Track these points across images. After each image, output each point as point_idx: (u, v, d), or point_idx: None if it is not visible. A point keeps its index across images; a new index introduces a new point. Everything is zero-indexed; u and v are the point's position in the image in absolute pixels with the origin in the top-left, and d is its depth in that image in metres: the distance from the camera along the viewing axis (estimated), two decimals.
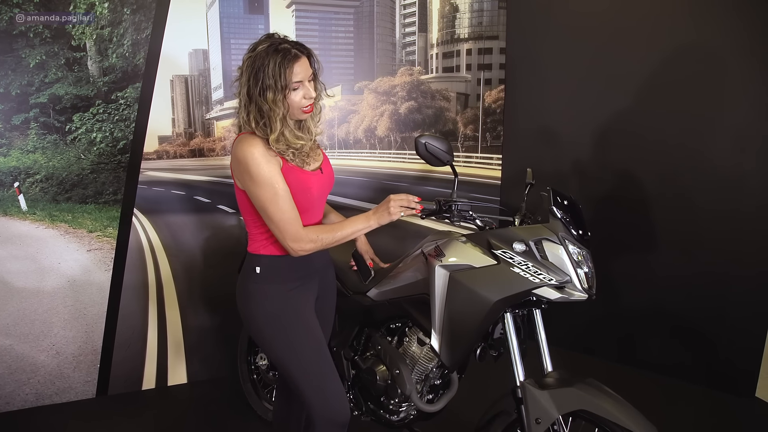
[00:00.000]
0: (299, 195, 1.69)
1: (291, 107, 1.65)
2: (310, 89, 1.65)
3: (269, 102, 1.59)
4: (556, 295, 1.68)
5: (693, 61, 2.87)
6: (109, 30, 2.72)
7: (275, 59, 1.57)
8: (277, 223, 1.64)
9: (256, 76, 1.58)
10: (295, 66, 1.60)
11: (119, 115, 2.80)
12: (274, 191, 1.62)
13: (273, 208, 1.63)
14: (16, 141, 2.68)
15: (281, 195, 1.63)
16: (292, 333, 1.75)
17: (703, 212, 2.93)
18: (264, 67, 1.57)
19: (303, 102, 1.65)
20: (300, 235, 1.66)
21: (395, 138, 3.40)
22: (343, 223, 1.73)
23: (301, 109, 1.66)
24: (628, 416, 1.60)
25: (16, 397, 2.82)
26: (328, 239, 1.69)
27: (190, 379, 3.11)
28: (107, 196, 2.85)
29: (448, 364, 1.85)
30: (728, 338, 2.94)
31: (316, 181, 1.75)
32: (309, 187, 1.72)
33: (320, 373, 1.75)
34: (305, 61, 1.64)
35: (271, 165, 1.63)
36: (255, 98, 1.60)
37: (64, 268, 2.83)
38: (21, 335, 2.79)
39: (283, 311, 1.75)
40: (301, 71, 1.62)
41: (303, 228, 1.67)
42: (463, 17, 3.42)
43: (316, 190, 1.76)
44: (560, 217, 1.71)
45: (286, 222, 1.64)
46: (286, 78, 1.58)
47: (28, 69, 2.63)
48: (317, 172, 1.77)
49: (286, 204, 1.64)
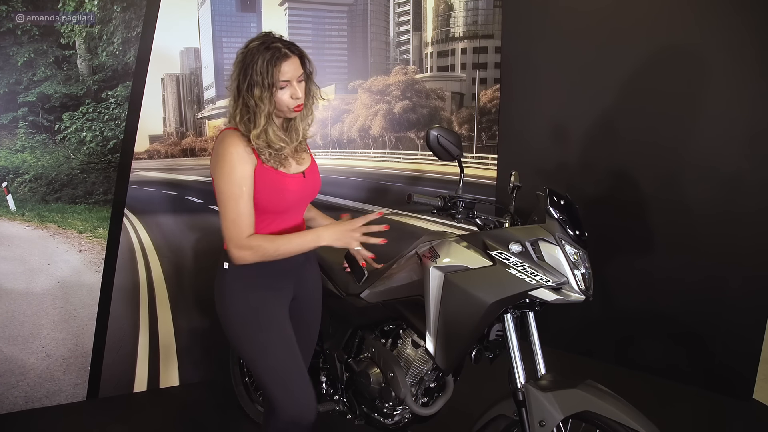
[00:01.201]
0: (272, 196, 1.69)
1: (278, 105, 1.65)
2: (298, 90, 1.66)
3: (255, 98, 1.60)
4: (553, 297, 1.66)
5: (690, 60, 2.86)
6: (98, 28, 2.68)
7: (264, 56, 1.59)
8: (228, 223, 1.65)
9: (245, 72, 1.60)
10: (284, 65, 1.60)
11: (109, 114, 2.76)
12: (237, 192, 1.63)
13: (229, 207, 1.64)
14: (4, 140, 2.63)
15: (242, 198, 1.64)
16: (259, 331, 1.75)
17: (700, 214, 2.92)
18: (253, 64, 1.59)
19: (290, 102, 1.66)
20: (242, 242, 1.65)
21: (389, 138, 3.38)
22: (291, 236, 1.70)
23: (289, 108, 1.67)
24: (632, 416, 1.59)
25: (4, 400, 2.78)
26: (270, 249, 1.66)
27: (182, 381, 3.08)
28: (97, 197, 2.81)
29: (443, 366, 1.83)
30: (726, 341, 2.92)
31: (295, 184, 1.75)
32: (283, 189, 1.71)
33: (287, 373, 1.76)
34: (296, 61, 1.64)
35: (245, 165, 1.64)
36: (243, 93, 1.62)
37: (54, 269, 2.79)
38: (10, 337, 2.75)
39: (250, 309, 1.75)
40: (290, 71, 1.62)
41: (248, 236, 1.66)
42: (458, 16, 3.40)
43: (294, 194, 1.75)
44: (557, 217, 1.69)
45: (237, 224, 1.64)
46: (273, 76, 1.60)
47: (16, 67, 2.59)
48: (298, 175, 1.77)
49: (244, 208, 1.64)
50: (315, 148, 3.25)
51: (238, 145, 1.64)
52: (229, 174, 1.63)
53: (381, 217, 1.76)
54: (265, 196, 1.69)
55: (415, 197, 1.81)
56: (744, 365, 2.89)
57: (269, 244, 1.66)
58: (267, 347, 1.75)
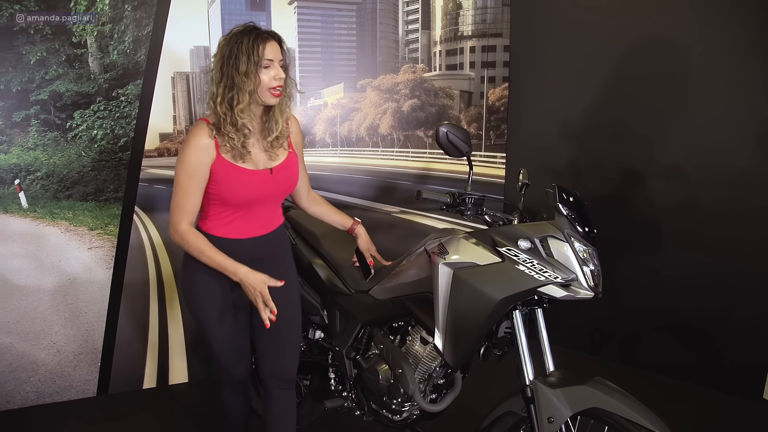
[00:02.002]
0: (229, 189, 1.76)
1: (260, 85, 1.71)
2: (280, 71, 1.73)
3: (241, 74, 1.67)
4: (562, 293, 1.66)
5: (699, 56, 2.85)
6: (110, 27, 2.70)
7: (249, 37, 1.68)
8: (172, 205, 1.76)
9: (231, 52, 1.68)
10: (267, 45, 1.69)
11: (120, 112, 2.78)
12: (187, 180, 1.73)
13: (178, 191, 1.74)
14: (16, 138, 2.66)
15: (190, 188, 1.73)
16: (202, 310, 1.89)
17: (708, 211, 2.91)
18: (239, 44, 1.67)
19: (272, 82, 1.72)
20: (179, 227, 1.75)
21: (398, 136, 3.38)
22: (218, 254, 1.76)
23: (269, 89, 1.72)
24: (641, 413, 1.58)
25: (16, 396, 2.81)
26: (196, 251, 1.76)
27: (190, 378, 3.10)
28: (108, 194, 2.83)
29: (451, 363, 1.83)
30: (736, 339, 2.91)
31: (256, 180, 1.79)
32: (240, 184, 1.76)
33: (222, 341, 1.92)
34: (276, 45, 1.73)
35: (201, 157, 1.72)
36: (228, 72, 1.68)
37: (65, 266, 2.82)
38: (21, 333, 2.78)
39: (197, 280, 1.86)
40: (272, 52, 1.71)
41: (188, 225, 1.76)
42: (467, 14, 3.40)
43: (253, 189, 1.79)
44: (566, 214, 1.69)
45: (179, 209, 1.75)
46: (259, 53, 1.68)
47: (28, 66, 2.62)
48: (263, 171, 1.81)
49: (189, 195, 1.74)
50: (324, 146, 3.27)
51: (200, 136, 1.72)
52: (184, 163, 1.72)
53: None
54: (223, 188, 1.76)
55: (425, 194, 1.82)
56: (754, 364, 2.87)
57: (194, 246, 1.76)
58: (206, 324, 1.91)
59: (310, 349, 2.45)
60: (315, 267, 2.33)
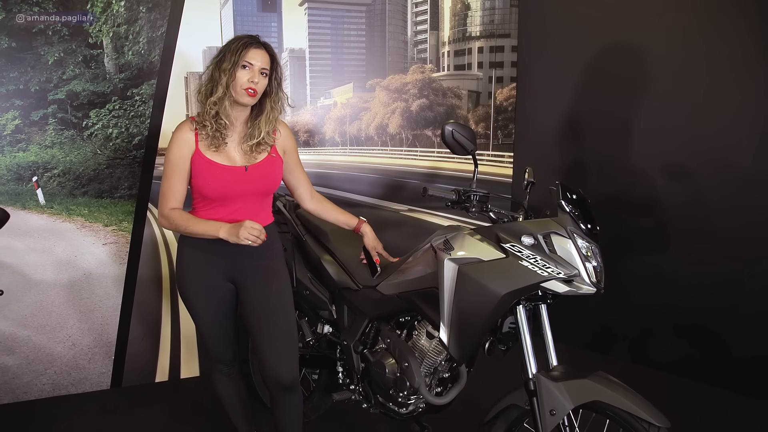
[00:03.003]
0: (207, 182, 1.88)
1: (235, 82, 1.82)
2: (257, 76, 1.84)
3: (221, 69, 1.82)
4: (564, 289, 1.69)
5: (705, 56, 2.86)
6: (125, 28, 2.77)
7: (241, 40, 1.84)
8: (160, 195, 1.93)
9: (221, 51, 1.85)
10: (252, 50, 1.83)
11: (134, 111, 2.85)
12: (171, 170, 1.89)
13: (164, 180, 1.91)
14: (34, 136, 2.73)
15: (173, 177, 1.89)
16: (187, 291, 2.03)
17: (715, 210, 2.92)
18: (229, 44, 1.84)
19: (246, 83, 1.83)
20: (164, 212, 1.92)
21: (407, 135, 3.43)
22: (200, 221, 1.91)
23: (244, 89, 1.83)
24: (641, 407, 1.61)
25: (33, 387, 2.88)
26: (179, 224, 1.90)
27: (202, 372, 3.15)
28: (122, 191, 2.90)
29: (456, 356, 1.87)
30: (742, 338, 2.91)
31: (229, 175, 1.89)
32: (215, 177, 1.88)
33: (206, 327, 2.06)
34: (265, 55, 1.86)
35: (182, 149, 1.88)
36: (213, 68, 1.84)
37: (81, 261, 2.88)
38: (38, 326, 2.85)
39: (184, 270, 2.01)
40: (255, 57, 1.83)
41: (170, 208, 1.91)
42: (475, 15, 3.43)
43: (226, 184, 1.89)
44: (569, 211, 1.72)
45: (164, 197, 1.91)
46: (240, 54, 1.81)
47: (46, 66, 2.69)
48: (239, 168, 1.91)
49: (173, 184, 1.90)
50: (333, 145, 3.31)
51: (182, 131, 1.89)
52: (168, 153, 1.89)
53: None
54: (200, 182, 1.88)
55: (430, 191, 1.86)
56: (761, 363, 2.88)
57: (180, 220, 1.90)
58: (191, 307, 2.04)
59: (318, 343, 2.50)
60: (324, 263, 2.38)
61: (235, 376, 2.23)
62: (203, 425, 2.68)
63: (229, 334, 2.11)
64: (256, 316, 2.00)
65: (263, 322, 1.99)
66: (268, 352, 1.99)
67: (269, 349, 1.99)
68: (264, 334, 1.99)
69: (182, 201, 1.93)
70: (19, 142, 2.71)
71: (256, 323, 2.00)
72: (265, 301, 2.00)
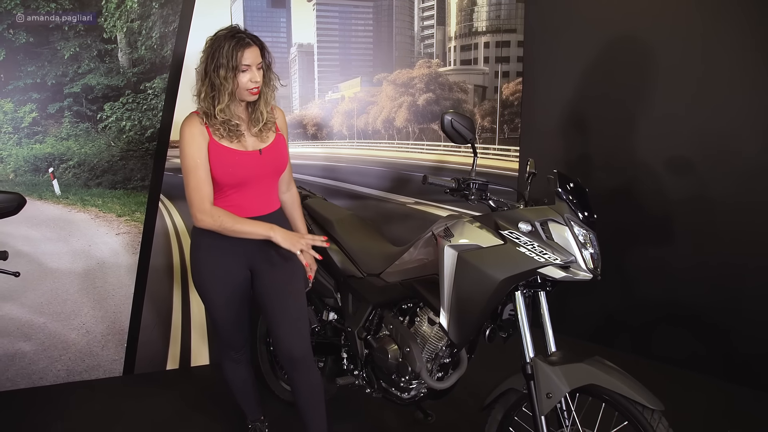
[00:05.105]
0: (224, 170, 1.90)
1: (239, 87, 1.86)
2: (257, 74, 1.87)
3: (221, 78, 1.82)
4: (561, 275, 1.72)
5: (710, 50, 2.87)
6: (138, 23, 2.84)
7: (230, 43, 1.82)
8: (189, 191, 1.89)
9: (213, 56, 1.83)
10: (246, 51, 1.83)
11: (147, 104, 2.92)
12: (194, 164, 1.88)
13: (189, 177, 1.89)
14: (51, 129, 2.82)
15: (199, 168, 1.88)
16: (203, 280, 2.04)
17: (719, 203, 2.93)
18: (220, 48, 1.82)
19: (249, 84, 1.86)
20: (204, 207, 1.89)
21: (413, 129, 3.47)
22: (248, 221, 1.93)
23: (247, 90, 1.87)
24: (637, 390, 1.64)
25: (48, 373, 2.97)
26: (227, 223, 1.90)
27: (212, 360, 3.22)
28: (135, 182, 2.98)
29: (456, 341, 1.91)
30: (746, 331, 2.92)
31: (247, 160, 1.93)
32: (234, 164, 1.90)
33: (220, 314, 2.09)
34: (256, 50, 1.87)
35: (197, 141, 1.88)
36: (210, 74, 1.84)
37: (95, 250, 2.97)
38: (54, 314, 2.94)
39: (200, 260, 2.02)
40: (250, 57, 1.84)
41: (210, 204, 1.90)
42: (481, 10, 3.47)
43: (246, 169, 1.93)
44: (566, 199, 1.76)
45: (198, 191, 1.88)
46: (237, 59, 1.82)
47: (63, 60, 2.77)
48: (254, 152, 1.95)
49: (201, 177, 1.88)
50: (341, 138, 3.37)
51: (191, 125, 1.88)
52: (185, 149, 1.88)
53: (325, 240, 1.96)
54: (218, 170, 1.89)
55: (430, 179, 1.90)
56: (764, 356, 2.89)
57: (228, 219, 1.90)
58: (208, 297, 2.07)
59: (324, 330, 2.56)
60: (329, 252, 2.43)
61: (246, 362, 2.28)
62: (213, 412, 2.75)
63: (242, 322, 2.16)
64: (270, 296, 2.04)
65: (276, 301, 2.04)
66: (282, 329, 2.03)
67: (282, 326, 2.03)
68: (277, 312, 2.03)
69: (212, 191, 1.92)
70: (36, 134, 2.79)
71: (269, 303, 2.04)
72: (279, 282, 2.05)
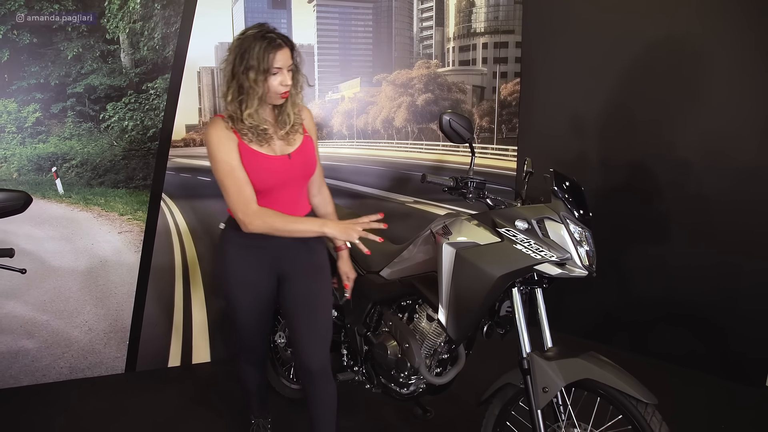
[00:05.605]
0: (254, 175, 1.83)
1: (269, 91, 1.79)
2: (287, 77, 1.80)
3: (250, 81, 1.74)
4: (557, 271, 1.76)
5: (707, 52, 2.90)
6: (140, 24, 2.87)
7: (261, 44, 1.73)
8: (231, 196, 1.81)
9: (242, 57, 1.74)
10: (278, 53, 1.75)
11: (149, 104, 2.95)
12: (229, 167, 1.80)
13: (228, 182, 1.81)
14: (54, 128, 2.85)
15: (235, 170, 1.80)
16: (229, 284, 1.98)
17: (716, 203, 2.96)
18: (250, 50, 1.73)
19: (279, 88, 1.79)
20: (250, 210, 1.80)
21: (412, 129, 3.50)
22: (298, 219, 1.87)
23: (278, 94, 1.80)
24: (631, 385, 1.68)
25: (51, 370, 3.00)
26: (278, 224, 1.81)
27: (212, 358, 3.25)
28: (137, 182, 3.01)
29: (454, 337, 1.95)
30: (740, 329, 2.96)
31: (277, 165, 1.86)
32: (263, 169, 1.84)
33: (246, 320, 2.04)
34: (287, 51, 1.78)
35: (227, 144, 1.80)
36: (238, 76, 1.75)
37: (97, 249, 3.00)
38: (57, 311, 2.97)
39: (227, 266, 1.96)
40: (282, 59, 1.76)
41: (256, 205, 1.81)
42: (480, 12, 3.50)
43: (275, 174, 1.86)
44: (562, 197, 1.80)
45: (241, 193, 1.80)
46: (268, 62, 1.74)
47: (66, 61, 2.80)
48: (283, 157, 1.88)
49: (240, 178, 1.80)
50: (341, 138, 3.40)
51: (217, 128, 1.81)
52: (216, 154, 1.80)
53: (381, 218, 1.84)
54: (249, 174, 1.82)
55: (429, 178, 1.94)
56: (759, 354, 2.92)
57: (279, 219, 1.82)
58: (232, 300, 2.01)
59: None
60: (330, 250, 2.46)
61: (261, 366, 2.28)
62: (215, 408, 2.78)
63: (263, 329, 2.12)
64: (297, 308, 1.99)
65: (303, 313, 1.98)
66: (303, 342, 1.98)
67: (305, 339, 1.98)
68: (302, 324, 1.99)
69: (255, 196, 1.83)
70: (39, 133, 2.82)
71: (295, 313, 1.99)
72: (309, 294, 2.00)
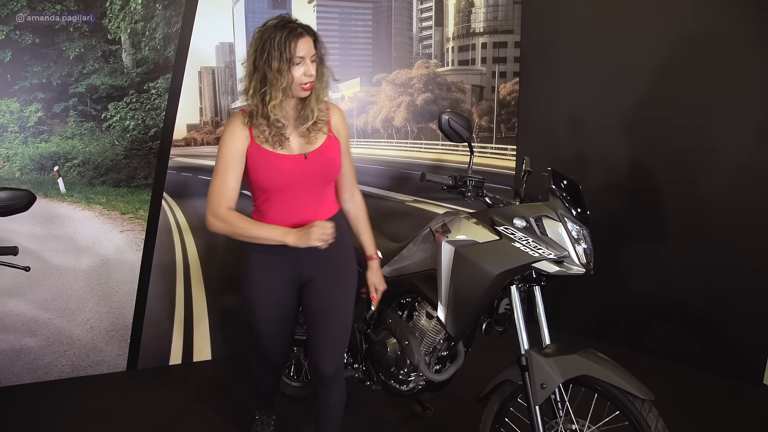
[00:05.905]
0: (264, 173, 1.80)
1: (293, 81, 1.73)
2: (311, 68, 1.74)
3: (274, 71, 1.69)
4: (555, 269, 1.78)
5: (704, 51, 2.92)
6: (142, 24, 2.89)
7: (282, 33, 1.68)
8: (212, 190, 1.80)
9: (264, 47, 1.69)
10: (300, 42, 1.70)
11: (150, 104, 2.97)
12: (224, 166, 1.78)
13: (217, 177, 1.80)
14: (56, 128, 2.87)
15: (228, 171, 1.78)
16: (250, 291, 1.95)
17: (713, 202, 2.98)
18: (271, 39, 1.68)
19: (303, 78, 1.73)
20: (218, 211, 1.78)
21: (412, 128, 3.52)
22: (262, 225, 1.82)
23: (301, 85, 1.74)
24: (627, 381, 1.70)
25: (53, 368, 3.02)
26: (239, 229, 1.78)
27: (214, 355, 3.27)
28: (139, 181, 3.03)
29: (453, 334, 1.97)
30: (738, 327, 2.98)
31: (289, 164, 1.80)
32: (274, 168, 1.79)
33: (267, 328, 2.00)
34: (309, 40, 1.73)
35: (237, 143, 1.78)
36: (261, 67, 1.71)
37: (99, 247, 3.02)
38: (59, 309, 2.99)
39: (251, 274, 1.93)
40: (304, 48, 1.71)
41: (227, 209, 1.78)
42: (479, 12, 3.52)
43: (286, 173, 1.81)
44: (559, 195, 1.82)
45: (219, 193, 1.79)
46: (291, 51, 1.68)
47: (68, 61, 2.82)
48: (298, 156, 1.82)
49: (227, 181, 1.78)
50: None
51: (234, 124, 1.79)
52: (222, 148, 1.79)
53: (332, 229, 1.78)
54: (259, 174, 1.80)
55: (428, 176, 1.96)
56: (755, 351, 2.94)
57: (240, 223, 1.78)
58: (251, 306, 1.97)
59: None
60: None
61: (279, 372, 2.29)
62: (216, 406, 2.80)
63: (282, 338, 2.07)
64: (317, 313, 1.95)
65: (322, 319, 1.95)
66: (319, 348, 1.94)
67: (320, 345, 1.94)
68: (319, 329, 1.95)
69: (236, 200, 1.80)
70: (41, 133, 2.84)
71: (314, 318, 1.96)
72: (330, 301, 1.95)
